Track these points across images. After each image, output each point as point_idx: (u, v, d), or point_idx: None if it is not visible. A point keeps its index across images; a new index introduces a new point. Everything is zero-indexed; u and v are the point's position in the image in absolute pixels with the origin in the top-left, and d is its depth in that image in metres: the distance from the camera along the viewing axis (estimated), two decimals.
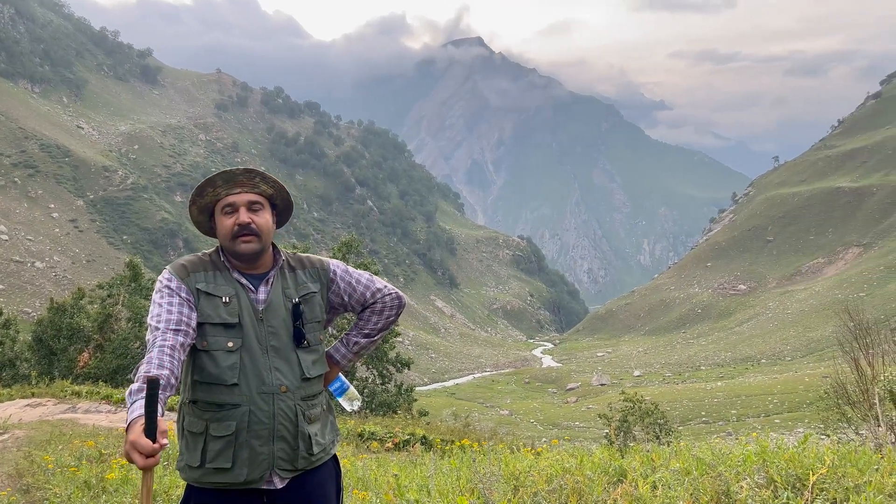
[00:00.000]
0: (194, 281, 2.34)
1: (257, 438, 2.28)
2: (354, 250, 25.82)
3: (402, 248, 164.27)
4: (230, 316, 2.32)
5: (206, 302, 2.32)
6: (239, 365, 2.29)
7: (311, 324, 2.44)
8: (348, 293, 2.57)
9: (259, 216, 2.40)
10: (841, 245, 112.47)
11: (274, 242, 2.52)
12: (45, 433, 8.57)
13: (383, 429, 9.94)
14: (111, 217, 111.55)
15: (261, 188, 2.45)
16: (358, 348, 2.64)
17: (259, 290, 2.41)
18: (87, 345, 21.32)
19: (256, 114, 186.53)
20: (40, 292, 77.42)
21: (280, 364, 2.35)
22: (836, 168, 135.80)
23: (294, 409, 2.35)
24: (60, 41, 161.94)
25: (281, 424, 2.32)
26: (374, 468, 5.43)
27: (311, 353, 2.43)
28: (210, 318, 2.30)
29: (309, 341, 2.42)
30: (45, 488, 5.68)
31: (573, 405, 62.63)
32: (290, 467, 2.35)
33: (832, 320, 63.70)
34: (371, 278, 2.61)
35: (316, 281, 2.51)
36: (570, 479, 3.85)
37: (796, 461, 3.61)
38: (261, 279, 2.44)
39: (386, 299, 2.59)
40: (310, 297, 2.46)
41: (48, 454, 6.80)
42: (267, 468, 2.30)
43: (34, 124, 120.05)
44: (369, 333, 2.62)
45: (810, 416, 35.02)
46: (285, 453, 2.33)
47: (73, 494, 5.17)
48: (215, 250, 2.48)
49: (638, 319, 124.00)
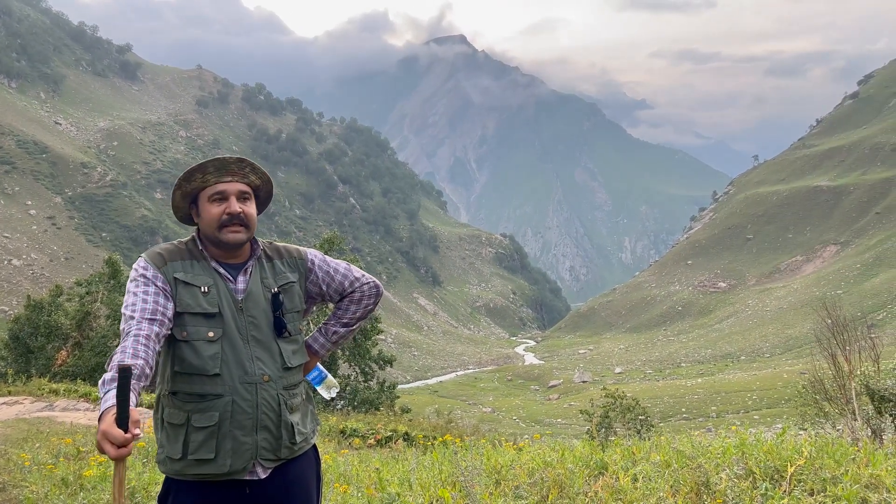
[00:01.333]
0: (171, 270, 2.30)
1: (241, 429, 2.26)
2: (337, 247, 25.73)
3: (385, 245, 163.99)
4: (210, 305, 2.29)
5: (184, 291, 2.28)
6: (221, 355, 2.27)
7: (291, 313, 2.43)
8: (326, 282, 2.55)
9: (248, 206, 2.39)
10: (819, 243, 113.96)
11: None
12: (21, 431, 8.46)
13: (365, 425, 9.92)
14: (90, 214, 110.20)
15: (250, 178, 2.43)
16: (337, 338, 2.62)
17: (238, 280, 2.38)
18: (66, 343, 21.06)
19: (238, 110, 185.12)
20: (17, 290, 76.32)
21: (261, 354, 2.33)
22: (815, 167, 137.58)
23: (277, 399, 2.33)
24: (38, 36, 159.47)
25: (264, 414, 2.30)
26: (355, 463, 5.41)
27: (292, 343, 2.42)
28: (189, 308, 2.26)
29: (290, 331, 2.41)
30: (21, 486, 5.60)
31: (555, 402, 62.90)
32: (273, 457, 2.33)
33: (810, 317, 64.55)
34: (349, 267, 2.60)
35: (294, 270, 2.49)
36: (551, 472, 3.87)
37: (775, 453, 3.66)
38: (239, 269, 2.41)
39: (364, 288, 2.58)
40: (289, 287, 2.45)
41: (25, 452, 6.70)
42: (250, 458, 2.28)
43: (10, 120, 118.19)
44: (348, 323, 2.61)
45: (789, 412, 35.43)
46: (268, 443, 2.31)
47: (51, 492, 5.10)
48: (191, 239, 2.43)
49: (619, 317, 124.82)
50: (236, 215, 2.33)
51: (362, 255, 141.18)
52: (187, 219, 2.47)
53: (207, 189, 2.37)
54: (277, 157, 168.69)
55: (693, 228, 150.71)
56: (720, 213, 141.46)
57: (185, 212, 2.46)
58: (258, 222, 2.45)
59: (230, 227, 2.33)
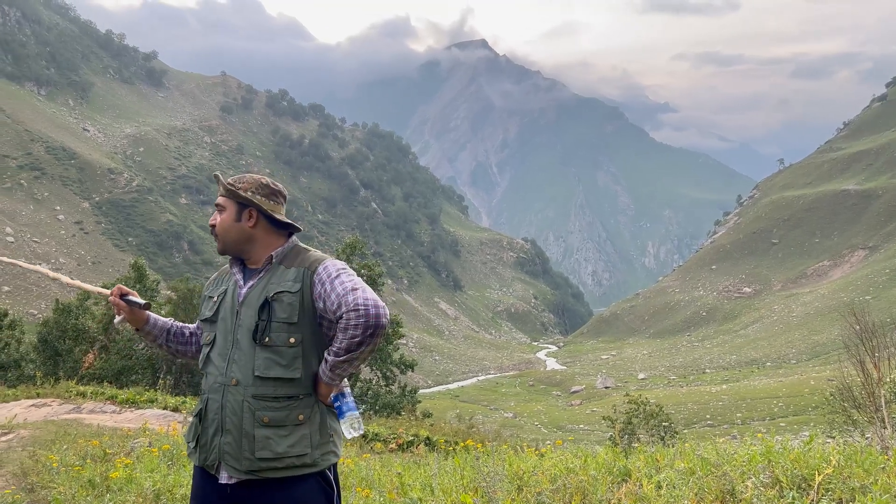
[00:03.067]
0: (206, 289, 2.72)
1: (210, 427, 2.42)
2: (358, 252, 25.84)
3: (407, 250, 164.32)
4: (209, 312, 2.57)
5: (204, 303, 2.67)
6: (208, 354, 2.52)
7: (279, 323, 2.37)
8: (322, 299, 2.38)
9: (220, 216, 2.59)
10: (846, 248, 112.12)
11: (287, 239, 2.66)
12: (49, 433, 8.59)
13: (387, 430, 9.94)
14: (116, 219, 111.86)
15: (223, 190, 2.61)
16: (330, 365, 2.36)
17: (246, 285, 2.52)
18: (92, 346, 21.36)
19: (261, 116, 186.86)
20: (46, 294, 77.67)
21: (239, 357, 2.40)
22: (842, 171, 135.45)
23: (241, 405, 2.34)
24: (67, 44, 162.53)
25: (228, 417, 2.37)
26: (377, 468, 5.42)
27: (272, 353, 2.36)
28: (202, 315, 2.65)
29: (271, 339, 2.36)
30: (49, 487, 5.69)
31: (577, 408, 62.51)
32: (237, 465, 2.34)
33: (838, 323, 63.49)
34: (348, 289, 2.32)
35: (298, 281, 2.43)
36: (574, 478, 3.85)
37: (802, 461, 3.60)
38: (254, 274, 2.55)
39: (350, 315, 2.26)
40: (281, 296, 2.40)
41: (53, 453, 6.81)
42: (216, 459, 2.39)
43: (40, 127, 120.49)
44: (336, 352, 2.33)
45: (816, 420, 34.88)
46: (231, 448, 2.35)
47: (78, 493, 5.18)
48: None
49: (642, 322, 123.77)
50: (211, 227, 2.62)
51: (384, 259, 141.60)
52: None
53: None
54: (300, 162, 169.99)
55: (717, 233, 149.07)
56: (745, 218, 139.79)
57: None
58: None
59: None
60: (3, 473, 6.63)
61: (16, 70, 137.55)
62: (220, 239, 2.55)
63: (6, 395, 14.05)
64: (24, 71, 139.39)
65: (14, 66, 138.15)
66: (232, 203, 2.56)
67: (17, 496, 5.39)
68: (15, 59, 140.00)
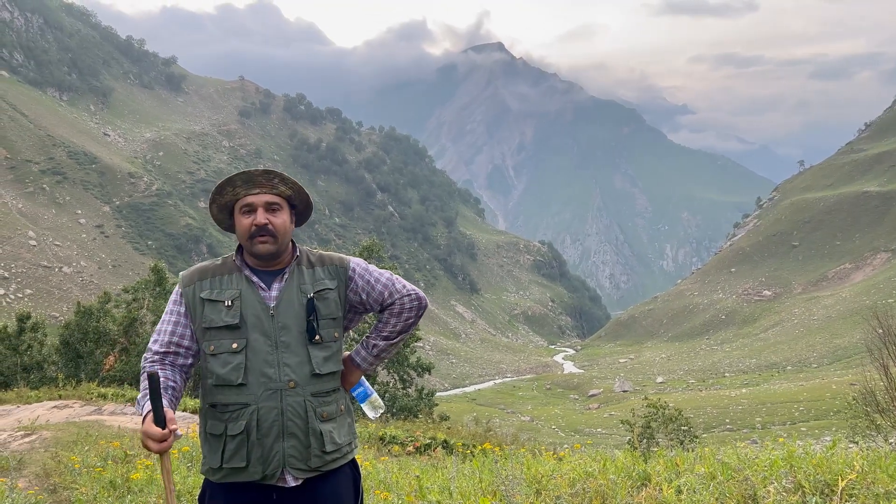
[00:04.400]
0: (199, 289, 2.44)
1: (267, 436, 2.32)
2: (375, 254, 25.91)
3: (423, 253, 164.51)
4: (231, 318, 2.38)
5: (209, 309, 2.41)
6: (245, 364, 2.34)
7: (326, 320, 2.44)
8: (366, 291, 2.53)
9: (276, 217, 2.44)
10: (869, 250, 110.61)
11: (293, 240, 2.55)
12: (71, 434, 8.69)
13: (404, 432, 9.94)
14: (136, 223, 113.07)
15: (279, 189, 2.48)
16: (377, 351, 2.58)
17: (272, 287, 2.44)
18: (113, 348, 21.58)
19: (279, 120, 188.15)
20: (67, 297, 78.63)
21: (290, 359, 2.37)
22: (864, 172, 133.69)
23: (304, 405, 2.35)
24: (88, 50, 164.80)
25: (290, 421, 2.33)
26: (395, 471, 5.42)
27: (324, 350, 2.42)
28: (213, 323, 2.38)
29: (322, 337, 2.41)
30: (71, 488, 5.76)
31: (595, 411, 62.16)
32: (304, 466, 2.35)
33: (860, 327, 62.65)
34: (391, 278, 2.56)
35: (334, 278, 2.51)
36: (593, 482, 3.83)
37: (825, 466, 3.55)
38: (275, 276, 2.47)
39: (405, 301, 2.53)
40: (325, 294, 2.46)
41: (75, 455, 6.89)
42: (279, 466, 2.32)
43: (62, 132, 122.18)
44: (388, 336, 2.56)
45: (838, 424, 34.40)
46: (297, 451, 2.34)
47: (100, 494, 5.23)
48: (232, 253, 2.57)
49: (661, 325, 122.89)
50: (262, 227, 2.41)
51: (400, 262, 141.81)
52: (230, 228, 2.57)
53: (238, 201, 2.48)
54: (317, 165, 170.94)
55: (737, 235, 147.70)
56: (765, 220, 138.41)
57: (227, 223, 2.57)
58: (300, 231, 2.51)
59: (258, 238, 2.41)
60: (26, 474, 6.71)
61: (38, 76, 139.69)
62: (279, 240, 2.43)
63: (29, 396, 14.24)
64: (46, 77, 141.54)
65: (36, 72, 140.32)
66: (286, 203, 2.50)
67: (40, 497, 5.46)
68: (37, 65, 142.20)
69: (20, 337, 21.52)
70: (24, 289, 79.48)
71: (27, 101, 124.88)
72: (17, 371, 20.63)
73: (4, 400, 14.24)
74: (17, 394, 14.78)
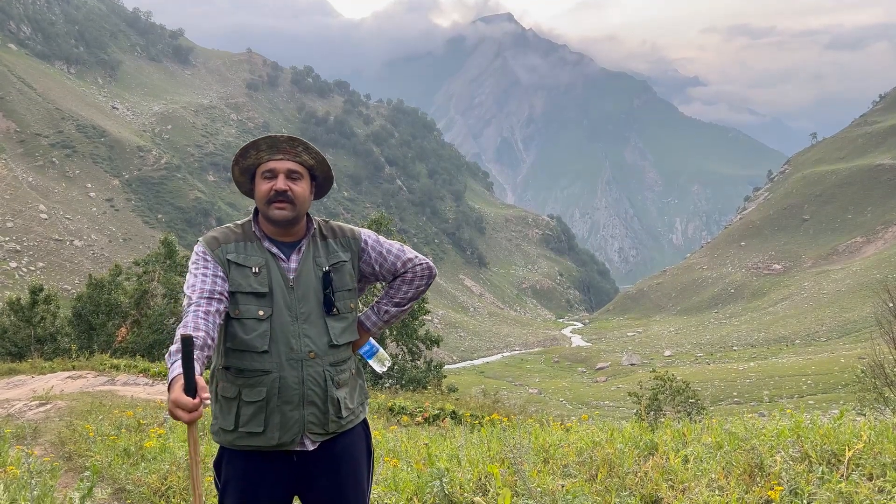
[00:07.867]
0: (224, 252, 2.41)
1: (288, 403, 2.35)
2: (384, 228, 25.95)
3: (431, 227, 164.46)
4: (260, 285, 2.38)
5: (236, 272, 2.39)
6: (269, 333, 2.35)
7: (341, 292, 2.48)
8: (379, 262, 2.59)
9: (297, 185, 2.44)
10: (880, 224, 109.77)
11: (309, 212, 2.55)
12: (85, 404, 8.82)
13: (413, 403, 10.03)
14: (146, 196, 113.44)
15: (302, 158, 2.48)
16: (388, 317, 2.67)
17: (291, 259, 2.46)
18: (125, 320, 21.81)
19: (287, 93, 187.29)
20: (79, 269, 79.30)
21: (309, 331, 2.40)
22: (877, 145, 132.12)
23: (323, 375, 2.40)
24: (95, 22, 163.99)
25: (311, 390, 2.38)
26: (404, 440, 5.49)
27: (341, 321, 2.47)
28: (241, 287, 2.37)
29: (339, 309, 2.45)
30: (86, 455, 5.86)
31: (603, 384, 62.51)
32: (321, 430, 2.41)
33: (870, 300, 62.41)
34: (402, 248, 2.64)
35: (347, 250, 2.54)
36: (600, 451, 3.86)
37: (832, 437, 3.57)
38: (293, 248, 2.49)
39: (416, 269, 2.62)
40: (340, 266, 2.50)
41: (89, 423, 7.00)
42: (298, 432, 2.37)
43: (70, 105, 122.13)
44: (399, 302, 2.65)
45: (846, 397, 34.45)
46: (316, 417, 2.39)
47: (114, 461, 5.32)
48: (248, 220, 2.53)
49: (669, 299, 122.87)
50: (282, 192, 2.40)
51: (409, 236, 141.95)
52: (250, 193, 2.58)
53: (261, 166, 2.47)
54: (326, 139, 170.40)
55: (747, 209, 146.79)
56: (775, 193, 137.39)
57: (247, 186, 2.57)
58: (314, 204, 2.53)
59: (276, 203, 2.41)
60: (41, 442, 6.84)
61: (46, 49, 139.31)
62: (297, 208, 2.43)
63: (43, 367, 14.44)
64: (53, 50, 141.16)
65: (44, 45, 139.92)
66: (307, 173, 2.50)
67: (56, 464, 5.56)
68: (45, 38, 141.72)
69: (33, 309, 21.76)
70: (36, 262, 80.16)
71: (35, 75, 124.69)
72: (31, 342, 20.91)
73: (19, 370, 14.45)
74: (32, 364, 14.98)
